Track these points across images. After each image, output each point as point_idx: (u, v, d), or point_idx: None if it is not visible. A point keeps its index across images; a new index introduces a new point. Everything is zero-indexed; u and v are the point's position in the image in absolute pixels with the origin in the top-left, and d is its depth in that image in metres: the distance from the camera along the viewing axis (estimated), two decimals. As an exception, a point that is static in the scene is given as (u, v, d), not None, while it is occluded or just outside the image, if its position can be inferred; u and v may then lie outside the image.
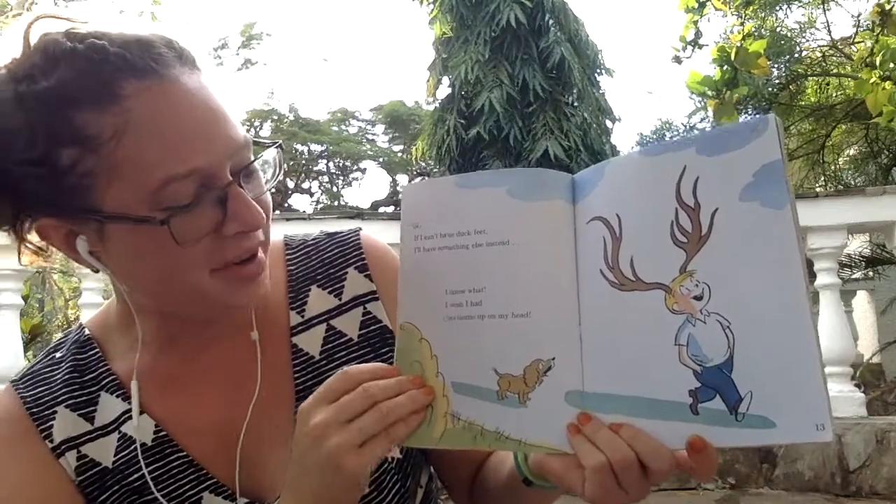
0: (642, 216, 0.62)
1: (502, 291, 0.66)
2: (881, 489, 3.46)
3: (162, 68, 0.66)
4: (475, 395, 0.65)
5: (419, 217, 0.70)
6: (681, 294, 0.60)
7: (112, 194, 0.65)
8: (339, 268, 0.84)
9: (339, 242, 0.86)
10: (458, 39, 11.99)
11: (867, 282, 7.46)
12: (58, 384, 0.78)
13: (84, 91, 0.64)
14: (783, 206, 0.57)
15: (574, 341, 0.63)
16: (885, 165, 9.49)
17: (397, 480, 0.79)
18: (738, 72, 3.47)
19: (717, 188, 0.59)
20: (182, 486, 0.75)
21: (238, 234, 0.68)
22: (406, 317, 0.69)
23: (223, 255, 0.68)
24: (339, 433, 0.61)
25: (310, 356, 0.80)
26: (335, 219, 4.45)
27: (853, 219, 3.89)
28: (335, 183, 21.82)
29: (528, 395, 0.64)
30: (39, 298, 15.53)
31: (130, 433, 0.76)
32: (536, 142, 11.29)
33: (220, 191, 0.66)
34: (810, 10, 10.18)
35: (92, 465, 0.75)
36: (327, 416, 0.62)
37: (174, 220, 0.64)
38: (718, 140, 0.60)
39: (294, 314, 0.81)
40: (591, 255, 0.64)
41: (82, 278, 4.11)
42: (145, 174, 0.64)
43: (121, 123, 0.63)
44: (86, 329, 0.82)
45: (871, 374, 6.74)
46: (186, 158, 0.64)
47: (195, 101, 0.66)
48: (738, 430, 0.56)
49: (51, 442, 0.75)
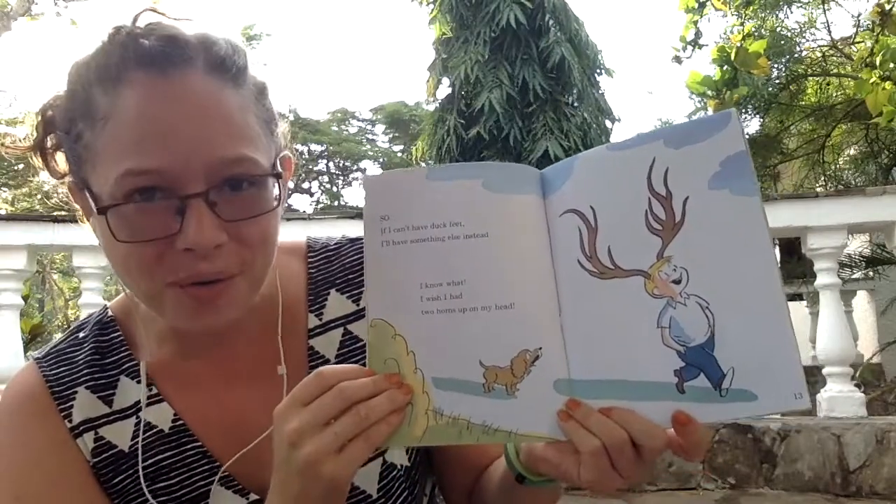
0: (616, 207, 0.64)
1: (484, 284, 0.65)
2: (881, 489, 3.46)
3: (174, 65, 0.65)
4: (459, 389, 0.64)
5: (386, 209, 0.68)
6: (660, 279, 0.62)
7: (97, 174, 0.67)
8: (359, 273, 0.84)
9: (360, 248, 0.85)
10: (458, 40, 11.99)
11: (867, 282, 7.45)
12: (80, 365, 0.79)
13: (101, 70, 0.66)
14: (752, 193, 0.61)
15: (556, 331, 0.65)
16: (885, 165, 9.49)
17: (405, 488, 0.80)
18: (738, 72, 3.47)
19: (687, 177, 0.63)
20: (194, 475, 0.76)
21: (188, 251, 0.65)
22: (377, 313, 0.66)
23: (177, 269, 0.66)
24: (315, 438, 0.59)
25: (325, 359, 0.81)
26: (335, 219, 4.44)
27: (853, 219, 3.88)
28: (335, 183, 21.82)
29: (516, 385, 0.64)
30: (39, 298, 15.53)
31: (151, 419, 0.76)
32: (536, 142, 11.29)
33: (179, 200, 0.64)
34: (810, 11, 10.16)
35: (108, 448, 0.76)
36: (302, 421, 0.60)
37: (113, 212, 0.64)
38: (683, 133, 0.63)
39: (312, 317, 0.82)
40: (567, 247, 0.65)
41: (82, 278, 4.10)
42: (114, 162, 0.64)
43: (112, 107, 0.65)
44: (109, 311, 0.83)
45: (871, 374, 6.74)
46: (150, 156, 0.63)
47: (187, 104, 0.65)
48: (723, 404, 0.59)
49: (70, 421, 0.76)
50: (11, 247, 3.70)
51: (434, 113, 12.72)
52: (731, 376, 0.59)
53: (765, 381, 0.58)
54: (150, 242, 0.65)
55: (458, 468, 0.86)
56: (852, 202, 3.94)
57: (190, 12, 0.71)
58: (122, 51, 0.65)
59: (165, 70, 0.65)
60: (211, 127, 0.65)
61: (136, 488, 0.75)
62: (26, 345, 4.14)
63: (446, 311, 0.65)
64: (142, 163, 0.63)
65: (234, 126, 0.67)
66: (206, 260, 0.66)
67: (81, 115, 0.67)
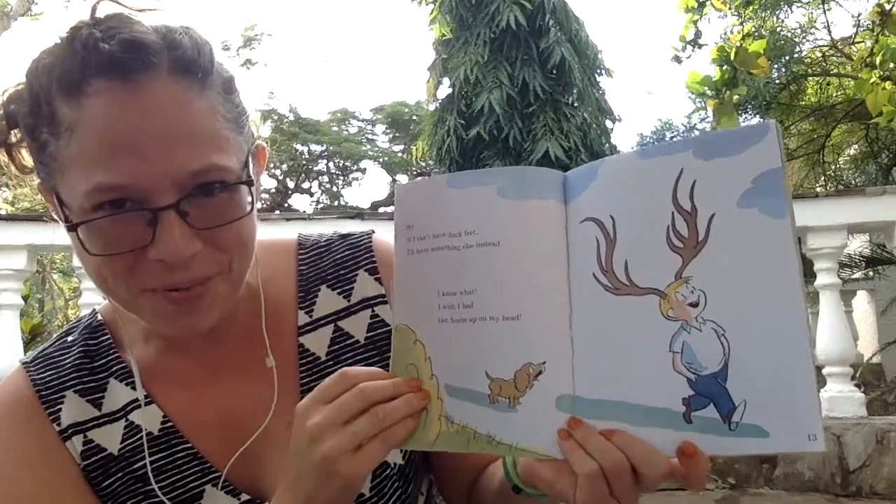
0: (637, 219, 0.61)
1: (492, 293, 0.64)
2: (881, 489, 3.46)
3: (136, 72, 0.63)
4: (468, 398, 0.65)
5: (412, 218, 0.68)
6: (676, 300, 0.59)
7: (64, 184, 0.66)
8: (350, 269, 0.84)
9: (350, 244, 0.86)
10: (458, 40, 11.99)
11: (867, 282, 7.45)
12: (67, 368, 0.78)
13: (61, 77, 0.64)
14: (783, 215, 0.56)
15: (565, 345, 0.63)
16: (885, 165, 9.48)
17: (398, 487, 0.79)
18: (737, 72, 3.47)
19: (715, 193, 0.58)
20: (185, 477, 0.76)
21: (161, 262, 0.65)
22: (401, 319, 0.68)
23: (151, 279, 0.66)
24: (334, 436, 0.60)
25: (316, 356, 0.80)
26: (335, 219, 4.45)
27: (853, 219, 3.88)
28: (335, 183, 21.81)
29: (518, 399, 0.63)
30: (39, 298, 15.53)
31: (138, 421, 0.76)
32: (536, 142, 11.29)
33: (151, 213, 0.64)
34: (810, 11, 10.17)
35: (97, 451, 0.75)
36: (324, 418, 0.61)
37: (84, 227, 0.64)
38: (717, 143, 0.59)
39: (302, 314, 0.82)
40: (584, 257, 0.63)
41: (82, 278, 4.10)
42: (82, 175, 0.64)
43: (76, 119, 0.63)
44: (98, 314, 0.83)
45: (871, 374, 6.73)
46: (118, 170, 0.62)
47: (151, 115, 0.63)
48: (731, 438, 0.56)
49: (58, 425, 0.75)
50: (11, 247, 3.70)
51: (434, 113, 12.72)
52: (743, 410, 0.56)
53: (778, 419, 0.55)
54: (123, 254, 0.65)
55: (456, 469, 0.86)
56: (852, 202, 3.94)
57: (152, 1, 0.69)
58: (83, 57, 0.63)
59: (128, 77, 0.62)
60: (178, 139, 0.64)
61: (128, 491, 0.75)
62: (26, 345, 4.14)
63: (459, 321, 0.65)
64: (111, 178, 0.62)
65: (201, 134, 0.65)
66: (182, 269, 0.65)
67: (45, 123, 0.65)
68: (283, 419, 0.77)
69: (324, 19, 67.12)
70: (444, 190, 0.67)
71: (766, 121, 0.59)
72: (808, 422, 0.54)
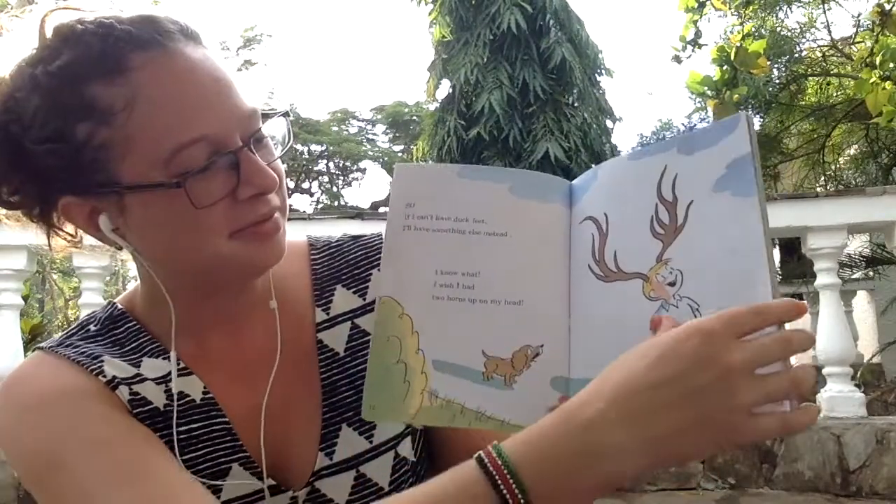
0: (626, 213, 0.66)
1: (497, 279, 0.68)
2: (881, 489, 3.46)
3: (166, 41, 0.68)
4: (458, 374, 0.67)
5: (414, 196, 0.71)
6: (657, 282, 0.63)
7: (128, 165, 0.67)
8: (364, 269, 0.85)
9: (363, 245, 0.87)
10: (459, 41, 12.00)
11: (867, 282, 7.46)
12: (97, 350, 0.76)
13: (92, 65, 0.66)
14: (751, 194, 0.60)
15: (563, 331, 0.67)
16: (885, 165, 9.49)
17: (413, 482, 0.81)
18: (737, 72, 3.47)
19: (694, 183, 0.63)
20: (217, 450, 0.75)
21: (252, 197, 0.69)
22: (388, 291, 0.69)
23: (240, 218, 0.70)
24: (751, 390, 0.52)
25: (335, 352, 0.81)
26: (335, 219, 4.45)
27: (853, 219, 3.89)
28: (335, 183, 21.84)
29: (514, 377, 0.67)
30: (39, 298, 15.55)
31: (182, 388, 0.75)
32: (537, 143, 11.30)
33: (231, 156, 0.68)
34: (810, 11, 10.17)
35: (144, 403, 0.74)
36: (742, 361, 0.52)
37: (189, 182, 0.66)
38: (696, 138, 0.64)
39: (319, 311, 0.83)
40: (582, 252, 0.68)
41: (82, 278, 4.11)
42: (157, 143, 0.66)
43: (130, 94, 0.66)
44: (119, 304, 0.82)
45: (871, 374, 6.73)
46: (195, 126, 0.66)
47: (200, 72, 0.68)
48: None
49: (104, 377, 0.73)
50: (11, 247, 3.71)
51: (434, 114, 12.73)
52: None
53: None
54: (221, 201, 0.68)
55: (457, 460, 0.87)
56: (852, 202, 3.95)
57: (95, 5, 0.72)
58: (111, 40, 0.66)
59: (163, 45, 0.67)
60: (228, 87, 0.70)
61: None
62: (26, 345, 4.15)
63: (457, 300, 0.68)
64: (193, 133, 0.66)
65: (236, 83, 0.71)
66: (265, 202, 0.70)
67: (83, 116, 0.66)
68: (302, 413, 0.79)
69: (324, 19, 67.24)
70: (453, 178, 0.72)
71: (739, 113, 0.64)
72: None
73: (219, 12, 33.52)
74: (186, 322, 0.77)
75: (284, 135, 0.76)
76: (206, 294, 0.77)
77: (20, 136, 0.69)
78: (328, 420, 0.78)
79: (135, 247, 0.73)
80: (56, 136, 0.67)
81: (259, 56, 25.86)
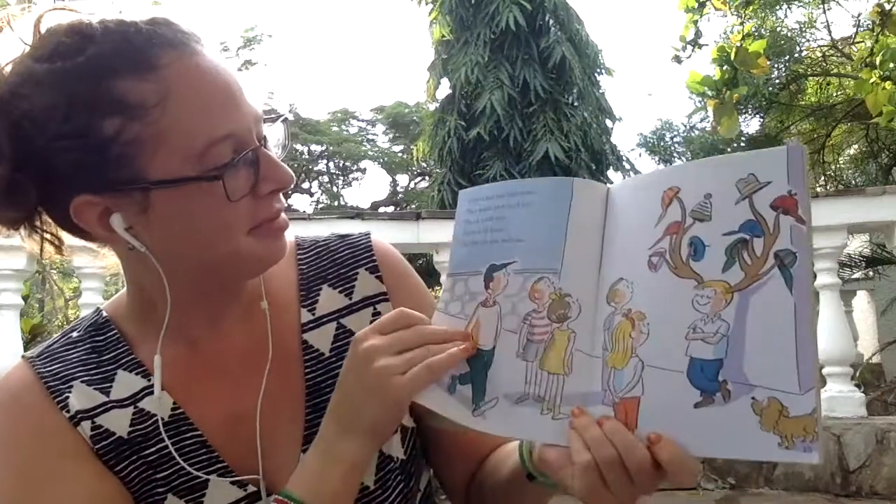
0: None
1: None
2: (881, 489, 3.46)
3: (188, 42, 0.69)
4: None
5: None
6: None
7: (158, 161, 0.67)
8: (351, 268, 0.85)
9: (350, 244, 0.87)
10: (458, 41, 12.00)
11: (867, 282, 7.46)
12: (74, 362, 0.78)
13: (122, 61, 0.67)
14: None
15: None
16: (885, 165, 9.50)
17: (401, 480, 0.81)
18: (737, 72, 3.47)
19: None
20: (192, 465, 0.76)
21: (270, 193, 0.72)
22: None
23: (259, 214, 0.72)
24: (387, 357, 0.67)
25: (320, 353, 0.81)
26: (335, 219, 4.45)
27: (853, 219, 3.89)
28: (335, 183, 21.84)
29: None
30: (39, 298, 15.53)
31: (150, 409, 0.76)
32: (537, 143, 11.30)
33: (252, 153, 0.70)
34: (810, 10, 10.17)
35: (107, 435, 0.75)
36: (381, 343, 0.68)
37: (204, 182, 0.68)
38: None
39: (305, 312, 0.83)
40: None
41: (82, 278, 4.11)
42: (190, 139, 0.67)
43: (163, 90, 0.67)
44: (104, 312, 0.83)
45: (871, 374, 6.73)
46: (223, 123, 0.69)
47: (220, 72, 0.70)
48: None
49: (67, 412, 0.75)
50: (11, 247, 3.71)
51: (434, 114, 12.73)
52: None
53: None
54: (245, 197, 0.70)
55: (457, 457, 0.87)
56: (852, 202, 3.95)
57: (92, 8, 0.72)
58: (141, 38, 0.68)
59: (188, 45, 0.69)
60: (241, 88, 0.72)
61: (139, 478, 0.75)
62: (26, 345, 4.15)
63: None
64: (223, 129, 0.68)
65: (242, 86, 0.73)
66: (278, 199, 0.74)
67: (113, 111, 0.66)
68: (286, 414, 0.79)
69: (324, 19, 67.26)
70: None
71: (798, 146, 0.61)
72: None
73: (219, 12, 33.51)
74: (175, 324, 0.77)
75: (283, 138, 0.77)
76: (203, 294, 0.77)
77: (31, 134, 0.67)
78: (311, 421, 0.78)
79: (147, 245, 0.71)
80: (78, 132, 0.66)
81: (259, 56, 25.84)
